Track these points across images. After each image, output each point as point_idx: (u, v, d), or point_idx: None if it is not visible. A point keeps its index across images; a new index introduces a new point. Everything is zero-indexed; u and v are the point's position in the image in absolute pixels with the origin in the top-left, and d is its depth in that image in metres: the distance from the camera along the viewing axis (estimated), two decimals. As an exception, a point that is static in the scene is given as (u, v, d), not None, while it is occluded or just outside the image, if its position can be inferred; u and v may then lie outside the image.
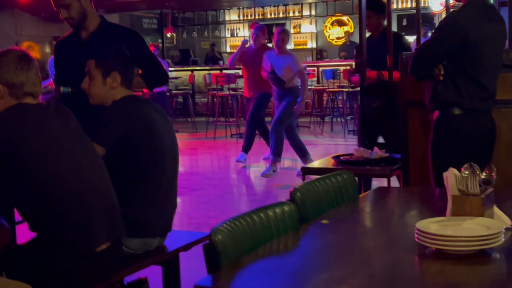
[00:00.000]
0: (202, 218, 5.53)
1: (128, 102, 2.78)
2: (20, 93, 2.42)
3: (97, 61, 2.79)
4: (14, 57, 2.44)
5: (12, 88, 2.41)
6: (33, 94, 2.46)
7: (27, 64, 2.46)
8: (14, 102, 2.42)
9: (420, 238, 1.76)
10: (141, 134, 2.71)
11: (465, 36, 3.11)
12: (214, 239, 1.77)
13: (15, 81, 2.41)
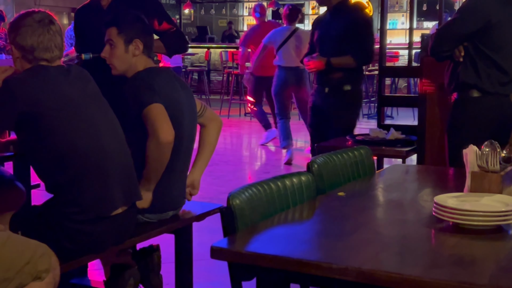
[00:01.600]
0: (214, 193, 5.55)
1: (151, 73, 2.75)
2: (31, 58, 2.42)
3: (119, 29, 2.76)
4: (30, 20, 2.44)
5: (22, 51, 2.42)
6: (47, 60, 2.44)
7: (42, 28, 2.44)
8: (28, 65, 2.43)
9: (438, 212, 1.75)
10: (165, 104, 2.69)
11: (487, 18, 3.08)
12: (232, 203, 1.77)
13: (24, 44, 2.41)
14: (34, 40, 2.41)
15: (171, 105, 2.68)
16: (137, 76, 2.71)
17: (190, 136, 2.87)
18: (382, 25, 4.74)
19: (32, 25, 2.43)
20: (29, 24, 2.43)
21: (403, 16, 14.85)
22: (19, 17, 2.49)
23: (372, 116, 10.22)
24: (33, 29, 2.42)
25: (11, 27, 2.48)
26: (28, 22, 2.44)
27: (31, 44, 2.41)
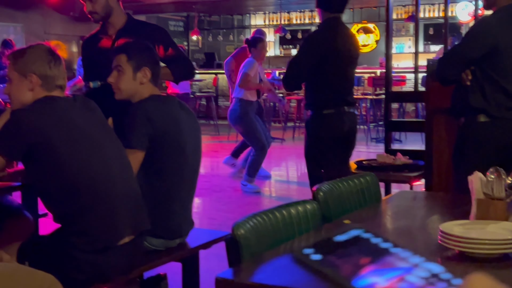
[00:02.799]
0: (222, 219, 5.55)
1: (155, 102, 2.78)
2: (52, 86, 2.49)
3: (129, 56, 2.80)
4: (45, 51, 2.51)
5: (45, 80, 2.47)
6: (62, 87, 2.53)
7: (58, 58, 2.53)
8: (44, 93, 2.46)
9: (444, 240, 1.74)
10: (166, 134, 2.72)
11: (495, 42, 3.09)
12: (237, 233, 1.77)
13: (49, 73, 2.47)
14: (56, 69, 2.49)
15: (171, 133, 2.71)
16: (139, 105, 2.74)
17: (193, 164, 2.88)
18: (387, 50, 4.77)
19: (48, 55, 2.50)
20: (45, 55, 2.49)
21: (409, 40, 14.91)
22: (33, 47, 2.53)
23: (380, 140, 10.21)
24: (54, 59, 2.50)
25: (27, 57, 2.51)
26: (43, 52, 2.50)
27: (55, 73, 2.48)
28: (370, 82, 10.68)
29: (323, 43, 3.99)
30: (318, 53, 3.97)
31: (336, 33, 4.03)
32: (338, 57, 4.03)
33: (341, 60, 4.05)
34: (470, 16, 12.25)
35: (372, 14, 14.99)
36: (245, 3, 14.87)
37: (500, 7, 3.16)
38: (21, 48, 2.57)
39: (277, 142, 10.49)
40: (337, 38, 4.02)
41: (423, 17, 14.19)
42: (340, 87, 4.07)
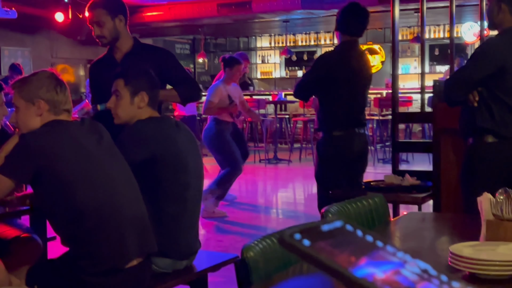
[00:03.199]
0: (230, 242, 5.53)
1: (153, 123, 2.81)
2: (59, 110, 2.52)
3: (126, 80, 2.84)
4: (49, 77, 2.56)
5: (53, 105, 2.51)
6: (69, 111, 2.56)
7: (63, 83, 2.58)
8: (51, 117, 2.49)
9: (454, 261, 1.74)
10: (165, 154, 2.74)
11: (501, 63, 3.10)
12: (246, 255, 1.77)
13: (56, 98, 2.51)
14: (63, 94, 2.53)
15: (169, 153, 2.73)
16: (134, 126, 2.76)
17: (196, 184, 2.89)
18: (393, 71, 4.78)
19: (54, 80, 2.54)
20: (51, 80, 2.53)
21: (415, 61, 14.95)
22: (37, 74, 2.57)
23: (387, 161, 10.19)
24: (60, 84, 2.54)
25: (32, 83, 2.54)
26: (48, 78, 2.54)
27: (61, 98, 2.52)
28: (376, 103, 10.69)
29: (336, 64, 4.04)
30: (330, 73, 4.01)
31: (351, 55, 4.08)
32: (351, 79, 4.07)
33: (354, 82, 4.09)
34: (476, 37, 12.29)
35: (377, 35, 15.06)
36: (251, 26, 14.97)
37: (505, 27, 3.18)
38: (24, 76, 2.61)
39: (284, 163, 10.49)
40: (352, 61, 4.07)
41: (428, 38, 14.25)
42: (351, 109, 4.10)
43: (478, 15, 5.21)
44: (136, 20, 12.37)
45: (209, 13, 11.63)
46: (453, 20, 5.05)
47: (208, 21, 12.91)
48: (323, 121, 4.12)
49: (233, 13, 11.45)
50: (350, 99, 4.09)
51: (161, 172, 2.73)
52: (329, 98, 4.08)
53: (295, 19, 13.07)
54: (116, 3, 3.50)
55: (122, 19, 3.48)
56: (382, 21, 13.35)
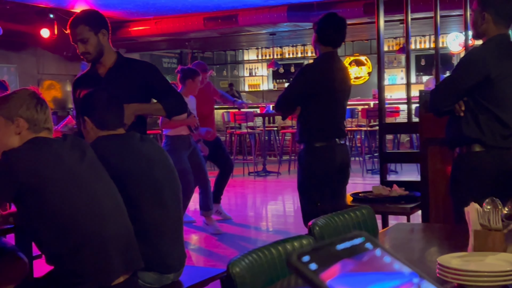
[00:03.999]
0: (219, 256, 5.50)
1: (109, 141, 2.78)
2: (39, 128, 2.50)
3: (82, 109, 2.89)
4: (30, 95, 2.54)
5: (32, 123, 2.48)
6: (49, 129, 2.54)
7: (43, 101, 2.56)
8: (31, 135, 2.47)
9: (442, 273, 1.72)
10: (130, 169, 2.73)
11: (487, 72, 3.10)
12: (232, 271, 1.75)
13: (35, 117, 2.49)
14: (43, 112, 2.51)
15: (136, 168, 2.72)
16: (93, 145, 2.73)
17: (170, 190, 2.87)
18: (379, 82, 4.79)
19: (33, 99, 2.52)
20: (30, 99, 2.51)
21: (402, 71, 15.02)
22: (18, 92, 2.55)
23: (375, 171, 10.21)
24: (40, 103, 2.53)
25: (12, 101, 2.51)
26: (28, 96, 2.52)
27: (41, 116, 2.50)
28: (364, 114, 10.72)
29: (317, 77, 4.06)
30: (311, 85, 4.03)
31: (331, 67, 4.10)
32: (330, 91, 4.08)
33: (334, 94, 4.11)
34: (461, 47, 12.37)
35: (363, 47, 15.13)
36: (238, 39, 14.99)
37: (489, 37, 3.19)
38: (5, 94, 2.59)
39: (273, 176, 10.47)
40: (331, 72, 4.09)
41: (414, 49, 14.33)
42: (331, 119, 4.11)
43: (463, 25, 5.24)
44: (122, 34, 12.35)
45: (195, 27, 11.64)
46: (438, 30, 5.07)
47: (195, 35, 12.92)
48: (304, 132, 4.13)
49: (219, 26, 11.47)
50: (331, 110, 4.11)
51: (130, 187, 2.71)
52: (310, 109, 4.09)
53: (281, 32, 13.11)
54: (97, 18, 3.48)
55: (105, 33, 3.46)
56: (368, 32, 13.42)
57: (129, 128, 3.00)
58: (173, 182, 2.94)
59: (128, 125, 3.09)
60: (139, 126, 3.36)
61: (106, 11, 10.57)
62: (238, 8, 10.95)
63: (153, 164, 2.83)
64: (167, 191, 2.85)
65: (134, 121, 3.33)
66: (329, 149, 4.09)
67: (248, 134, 11.33)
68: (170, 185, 2.89)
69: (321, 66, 4.13)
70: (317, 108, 4.08)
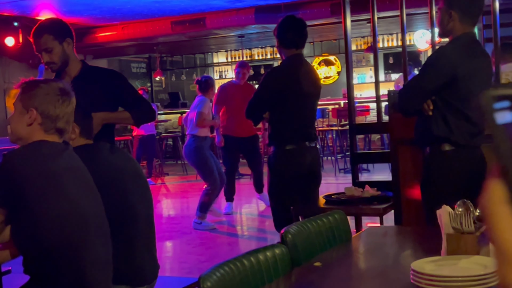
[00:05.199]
0: (194, 262, 5.44)
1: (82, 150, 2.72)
2: (50, 127, 2.36)
3: None
4: (56, 88, 2.39)
5: (46, 119, 2.35)
6: (62, 132, 2.40)
7: (68, 98, 2.40)
8: (40, 133, 2.35)
9: (416, 279, 1.70)
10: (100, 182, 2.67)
11: (454, 71, 3.10)
12: (203, 286, 1.70)
13: (51, 113, 2.35)
14: (60, 110, 2.37)
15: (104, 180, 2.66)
16: None
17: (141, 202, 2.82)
18: (348, 82, 4.78)
19: (58, 93, 2.38)
20: (54, 92, 2.37)
21: (371, 70, 15.09)
22: (45, 82, 2.43)
23: (348, 170, 10.22)
24: (62, 99, 2.38)
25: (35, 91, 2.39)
26: (53, 89, 2.38)
27: (57, 114, 2.36)
28: (335, 113, 10.74)
29: (284, 80, 4.04)
30: (279, 89, 4.01)
31: (298, 69, 4.08)
32: (299, 94, 4.06)
33: (302, 96, 4.09)
34: (428, 44, 12.47)
35: (332, 47, 15.17)
36: (207, 42, 14.92)
37: (455, 36, 3.19)
38: (37, 80, 2.45)
39: (246, 178, 10.42)
40: (299, 75, 4.07)
41: (382, 47, 14.41)
42: (301, 122, 4.10)
43: (429, 23, 5.26)
44: (89, 41, 12.20)
45: (163, 31, 11.54)
46: (405, 28, 5.08)
47: (163, 39, 12.81)
48: (274, 135, 4.11)
49: (187, 30, 11.38)
50: (300, 113, 4.10)
51: (102, 198, 2.65)
52: (279, 112, 4.07)
53: (250, 34, 13.07)
54: (62, 27, 3.41)
55: (70, 42, 3.39)
56: (336, 32, 13.46)
57: (96, 138, 2.94)
58: (145, 193, 2.88)
59: (95, 134, 3.03)
60: (107, 135, 3.30)
61: (71, 18, 10.43)
62: (206, 11, 10.88)
63: (124, 176, 2.78)
64: (138, 202, 2.80)
65: (101, 130, 3.27)
66: (298, 152, 4.07)
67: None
68: (141, 196, 2.84)
69: (287, 70, 4.11)
70: (285, 111, 4.06)
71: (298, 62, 4.14)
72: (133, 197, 2.78)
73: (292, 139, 4.07)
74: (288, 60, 4.13)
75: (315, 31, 12.12)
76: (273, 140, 4.12)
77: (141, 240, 2.79)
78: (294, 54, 4.12)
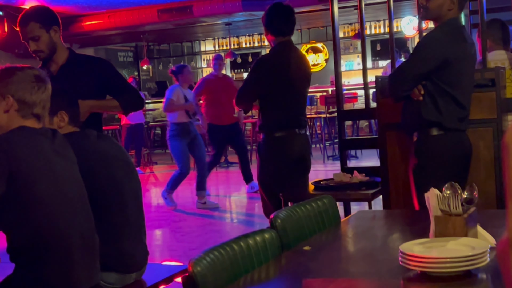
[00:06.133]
0: (184, 250, 5.45)
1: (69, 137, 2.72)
2: (27, 113, 2.38)
3: None
4: (31, 75, 2.41)
5: (22, 105, 2.37)
6: (39, 117, 2.42)
7: (44, 85, 2.42)
8: (17, 119, 2.37)
9: (404, 261, 1.71)
10: (88, 168, 2.66)
11: (446, 55, 3.11)
12: (193, 270, 1.71)
13: (27, 99, 2.37)
14: (37, 96, 2.39)
15: (93, 166, 2.67)
16: None
17: (130, 188, 2.82)
18: (336, 68, 4.78)
19: (33, 80, 2.40)
20: (30, 79, 2.39)
21: (358, 57, 15.11)
22: (20, 69, 2.43)
23: (336, 157, 10.26)
24: (38, 86, 2.40)
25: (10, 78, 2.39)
26: (28, 76, 2.40)
27: (33, 100, 2.38)
28: (323, 100, 10.75)
29: (274, 67, 4.03)
30: (269, 76, 4.01)
31: (287, 56, 4.08)
32: (289, 81, 4.06)
33: (292, 83, 4.09)
34: (415, 30, 12.49)
35: (320, 34, 15.16)
36: (194, 30, 14.86)
37: (443, 20, 3.19)
38: (12, 66, 2.45)
39: (235, 166, 10.43)
40: (289, 62, 4.07)
41: (370, 34, 14.42)
42: (291, 109, 4.10)
43: (416, 9, 5.27)
44: (75, 29, 12.12)
45: (149, 19, 11.48)
46: (392, 15, 5.08)
47: (150, 27, 12.75)
48: (264, 122, 4.11)
49: (174, 18, 11.34)
50: (290, 99, 4.10)
51: (88, 186, 2.64)
52: (269, 99, 4.07)
53: (237, 22, 13.04)
54: (48, 15, 3.38)
55: (57, 30, 3.37)
56: (323, 19, 13.45)
57: (84, 126, 2.93)
58: (133, 180, 2.88)
59: (82, 122, 3.02)
60: (94, 124, 3.28)
61: (57, 7, 10.34)
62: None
63: (112, 162, 2.77)
64: (127, 189, 2.80)
65: (89, 119, 3.25)
66: (288, 139, 4.08)
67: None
68: (130, 183, 2.84)
69: (276, 57, 4.10)
70: (275, 98, 4.06)
71: (288, 49, 4.14)
72: (121, 184, 2.78)
73: (281, 126, 4.08)
74: (277, 47, 4.12)
75: (303, 18, 12.09)
76: (263, 127, 4.12)
77: (130, 227, 2.79)
78: (283, 41, 4.12)
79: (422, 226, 2.11)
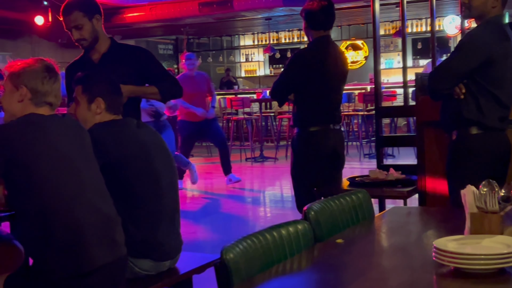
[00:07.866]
0: (218, 242, 5.49)
1: (109, 127, 2.77)
2: (40, 101, 2.50)
3: (83, 88, 2.85)
4: (43, 66, 2.53)
5: (35, 94, 2.49)
6: (51, 104, 2.54)
7: (54, 75, 2.54)
8: (31, 108, 2.48)
9: (438, 256, 1.70)
10: (125, 156, 2.70)
11: (489, 54, 3.07)
12: (226, 257, 1.73)
13: (40, 89, 2.49)
14: (49, 86, 2.51)
15: (131, 154, 2.71)
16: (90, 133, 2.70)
17: (167, 177, 2.85)
18: (375, 66, 4.75)
19: (45, 70, 2.52)
20: (42, 69, 2.52)
21: (398, 55, 14.96)
22: (33, 61, 2.56)
23: (373, 156, 10.18)
24: (49, 76, 2.52)
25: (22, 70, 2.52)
26: (40, 67, 2.53)
27: (46, 90, 2.50)
28: (361, 98, 10.68)
29: (311, 62, 4.02)
30: (305, 71, 4.00)
31: (325, 51, 4.06)
32: (326, 76, 4.04)
33: (329, 79, 4.07)
34: (457, 30, 12.32)
35: (360, 31, 15.05)
36: (234, 24, 14.91)
37: (486, 18, 3.15)
38: (21, 60, 2.58)
39: (270, 162, 10.46)
40: (326, 57, 4.05)
41: (411, 32, 14.26)
42: (326, 104, 4.08)
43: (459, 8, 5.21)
44: (117, 21, 12.28)
45: (190, 13, 11.56)
46: (434, 13, 5.03)
47: (190, 21, 12.83)
48: (298, 117, 4.10)
49: (214, 12, 11.39)
50: (326, 95, 4.08)
51: (126, 173, 2.69)
52: (304, 94, 4.06)
53: (277, 17, 13.03)
54: (90, 3, 3.44)
55: (99, 18, 3.42)
56: (364, 16, 13.35)
57: (123, 115, 2.97)
58: (170, 169, 2.91)
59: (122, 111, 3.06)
60: (133, 112, 3.33)
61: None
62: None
63: (151, 151, 2.81)
64: (164, 178, 2.82)
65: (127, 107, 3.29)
66: (322, 134, 4.06)
67: (244, 120, 11.29)
68: (167, 172, 2.87)
69: (314, 51, 4.09)
70: (311, 93, 4.05)
71: (326, 43, 4.12)
72: (159, 173, 2.81)
73: (316, 120, 4.07)
74: (314, 42, 4.11)
75: (343, 14, 12.04)
76: (297, 122, 4.12)
77: (166, 215, 2.82)
78: (322, 35, 4.10)
79: (457, 223, 2.09)
